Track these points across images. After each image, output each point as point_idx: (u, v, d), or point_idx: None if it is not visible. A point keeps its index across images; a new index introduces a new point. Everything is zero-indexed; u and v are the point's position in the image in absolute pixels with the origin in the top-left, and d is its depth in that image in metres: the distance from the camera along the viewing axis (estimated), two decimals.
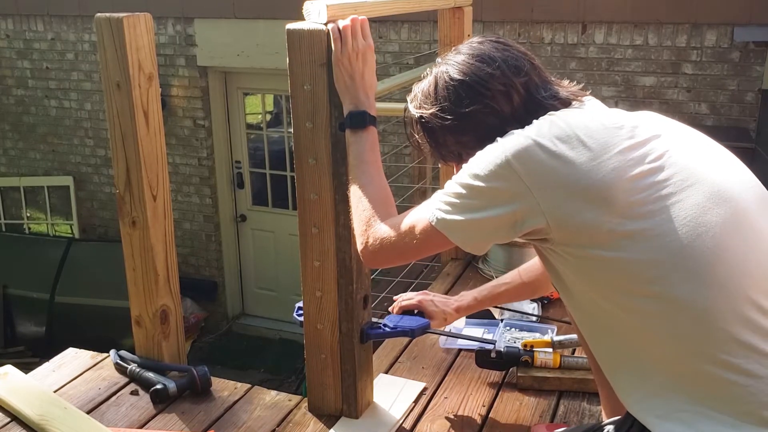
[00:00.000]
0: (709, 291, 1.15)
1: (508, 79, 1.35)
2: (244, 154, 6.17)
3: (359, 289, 1.80)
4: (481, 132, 1.35)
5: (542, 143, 1.23)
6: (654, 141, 1.25)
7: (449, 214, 1.32)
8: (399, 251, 1.45)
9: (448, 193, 1.33)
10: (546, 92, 1.37)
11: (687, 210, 1.17)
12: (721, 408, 1.15)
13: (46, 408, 1.89)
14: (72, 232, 6.77)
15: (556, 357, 2.08)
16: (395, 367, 2.22)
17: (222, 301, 6.43)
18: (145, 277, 2.08)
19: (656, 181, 1.19)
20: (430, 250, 1.45)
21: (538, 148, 1.22)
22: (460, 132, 1.39)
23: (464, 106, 1.36)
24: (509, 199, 1.24)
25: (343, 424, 1.88)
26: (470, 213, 1.29)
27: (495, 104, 1.35)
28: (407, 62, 4.88)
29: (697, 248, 1.16)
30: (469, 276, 2.95)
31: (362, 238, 1.50)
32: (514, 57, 1.37)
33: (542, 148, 1.22)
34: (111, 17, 1.89)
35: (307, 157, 1.71)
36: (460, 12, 2.74)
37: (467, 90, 1.36)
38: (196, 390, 2.02)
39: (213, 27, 5.66)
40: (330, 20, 1.62)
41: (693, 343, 1.16)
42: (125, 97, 1.94)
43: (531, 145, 1.23)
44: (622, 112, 1.34)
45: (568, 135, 1.23)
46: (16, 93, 6.66)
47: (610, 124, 1.27)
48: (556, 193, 1.21)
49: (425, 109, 1.42)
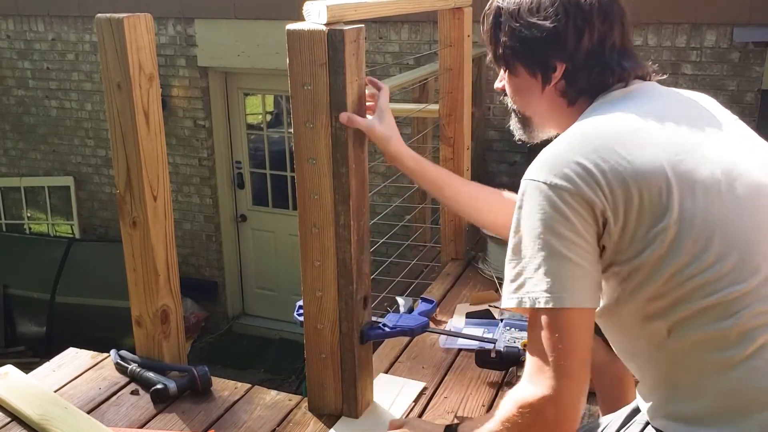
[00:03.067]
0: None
1: (590, 18, 1.26)
2: (245, 154, 6.18)
3: (359, 289, 1.80)
4: (535, 51, 1.29)
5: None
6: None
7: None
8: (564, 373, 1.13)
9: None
10: (618, 56, 1.28)
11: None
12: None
13: (47, 408, 1.89)
14: (72, 232, 6.77)
15: None
16: (395, 367, 2.22)
17: (222, 301, 6.43)
18: (146, 277, 2.08)
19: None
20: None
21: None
22: (518, 39, 1.31)
23: (537, 15, 1.28)
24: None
25: (343, 423, 1.88)
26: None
27: (564, 32, 1.27)
28: (407, 62, 4.88)
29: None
30: (469, 276, 2.96)
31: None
32: (609, 5, 1.28)
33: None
34: (111, 18, 1.89)
35: (307, 157, 1.72)
36: (460, 12, 2.75)
37: (549, 4, 1.27)
38: (196, 390, 2.02)
39: (213, 27, 5.66)
40: (330, 21, 1.62)
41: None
42: (126, 98, 1.94)
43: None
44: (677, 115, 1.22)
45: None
46: (16, 93, 6.66)
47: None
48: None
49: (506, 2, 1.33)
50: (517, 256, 1.16)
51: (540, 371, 1.13)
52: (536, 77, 1.32)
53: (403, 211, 4.27)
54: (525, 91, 1.36)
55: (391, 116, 1.73)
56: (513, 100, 1.41)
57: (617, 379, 1.70)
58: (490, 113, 4.77)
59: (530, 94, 1.35)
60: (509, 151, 4.75)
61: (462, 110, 2.91)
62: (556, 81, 1.30)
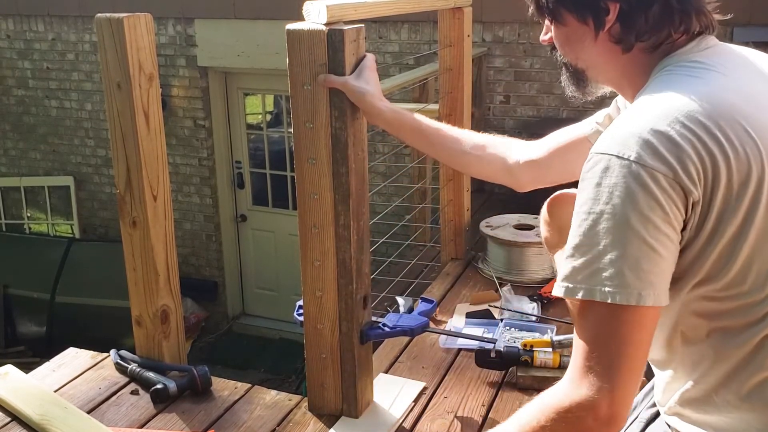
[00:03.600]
0: None
1: None
2: (245, 154, 6.18)
3: (359, 288, 1.80)
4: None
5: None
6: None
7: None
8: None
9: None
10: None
11: None
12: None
13: (47, 408, 1.89)
14: (72, 232, 6.77)
15: (555, 357, 2.08)
16: (395, 367, 2.22)
17: (222, 301, 6.43)
18: (146, 277, 2.08)
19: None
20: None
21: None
22: None
23: None
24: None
25: (343, 423, 1.88)
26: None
27: None
28: (407, 62, 4.88)
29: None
30: (469, 276, 2.96)
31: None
32: None
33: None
34: (111, 17, 1.89)
35: (307, 157, 1.72)
36: (460, 12, 2.75)
37: None
38: (196, 390, 2.02)
39: (213, 27, 5.66)
40: (330, 20, 1.62)
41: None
42: (126, 98, 1.94)
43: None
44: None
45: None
46: (16, 93, 6.66)
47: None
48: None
49: None
50: (590, 241, 1.02)
51: (593, 370, 1.02)
52: (587, 23, 1.17)
53: (403, 211, 4.27)
54: (576, 42, 1.21)
55: (374, 75, 1.65)
56: (562, 52, 1.26)
57: None
58: (490, 113, 4.77)
59: (582, 43, 1.20)
60: None
61: (462, 110, 2.91)
62: (610, 24, 1.14)
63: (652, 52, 1.15)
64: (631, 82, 1.19)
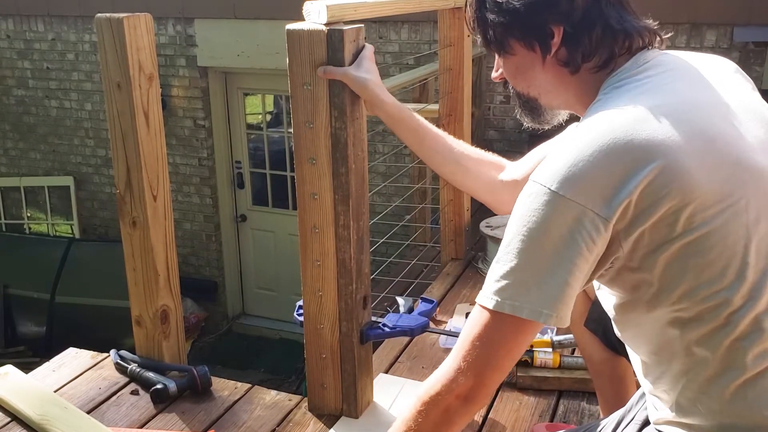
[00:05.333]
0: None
1: None
2: (245, 154, 6.17)
3: (359, 289, 1.80)
4: (527, 20, 1.19)
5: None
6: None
7: None
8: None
9: None
10: (616, 12, 1.18)
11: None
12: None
13: (47, 408, 1.89)
14: (72, 232, 6.77)
15: (555, 357, 2.08)
16: (395, 367, 2.22)
17: (222, 301, 6.43)
18: (146, 277, 2.08)
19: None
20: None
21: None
22: (506, 12, 1.22)
23: None
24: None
25: (343, 424, 1.88)
26: None
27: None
28: (407, 62, 4.87)
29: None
30: (469, 276, 2.96)
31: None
32: None
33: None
34: (111, 17, 1.89)
35: (307, 157, 1.72)
36: (460, 12, 2.75)
37: None
38: (196, 390, 2.02)
39: (213, 27, 5.66)
40: (330, 20, 1.62)
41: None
42: (126, 98, 1.94)
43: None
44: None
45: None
46: (16, 93, 6.66)
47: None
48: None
49: None
50: (505, 257, 1.09)
51: (469, 365, 1.12)
52: (534, 49, 1.21)
53: (403, 211, 4.27)
54: (525, 70, 1.25)
55: (374, 66, 1.65)
56: (514, 84, 1.31)
57: (618, 379, 1.69)
58: (490, 113, 4.77)
59: (531, 70, 1.24)
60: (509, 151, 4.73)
61: (462, 110, 2.91)
62: (556, 48, 1.19)
63: (598, 72, 1.19)
64: (582, 103, 1.22)
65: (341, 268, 1.77)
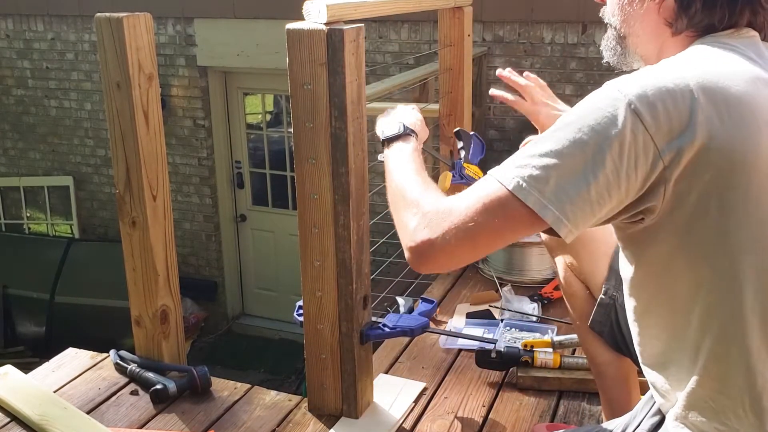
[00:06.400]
0: None
1: None
2: (244, 154, 6.17)
3: (359, 289, 1.80)
4: None
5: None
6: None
7: None
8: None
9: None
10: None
11: None
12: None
13: (46, 408, 1.89)
14: (72, 232, 6.77)
15: (556, 357, 2.08)
16: (395, 367, 2.22)
17: (222, 301, 6.43)
18: (145, 277, 2.08)
19: None
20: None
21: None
22: None
23: None
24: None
25: (343, 424, 1.88)
26: None
27: None
28: (407, 62, 4.87)
29: None
30: (469, 276, 2.95)
31: (411, 232, 1.12)
32: None
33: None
34: (111, 17, 1.89)
35: (307, 157, 1.71)
36: (460, 12, 2.75)
37: None
38: (196, 390, 2.02)
39: (213, 27, 5.66)
40: (330, 20, 1.62)
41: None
42: (125, 97, 1.94)
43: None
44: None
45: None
46: (16, 93, 6.65)
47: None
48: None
49: None
50: (552, 143, 1.02)
51: (452, 227, 1.05)
52: None
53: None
54: (628, 5, 1.21)
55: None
56: (612, 13, 1.26)
57: (622, 380, 1.67)
58: (490, 113, 4.77)
59: (633, 9, 1.21)
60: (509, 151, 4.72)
61: (462, 110, 2.91)
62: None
63: (694, 38, 1.15)
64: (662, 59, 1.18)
65: (341, 268, 1.77)
